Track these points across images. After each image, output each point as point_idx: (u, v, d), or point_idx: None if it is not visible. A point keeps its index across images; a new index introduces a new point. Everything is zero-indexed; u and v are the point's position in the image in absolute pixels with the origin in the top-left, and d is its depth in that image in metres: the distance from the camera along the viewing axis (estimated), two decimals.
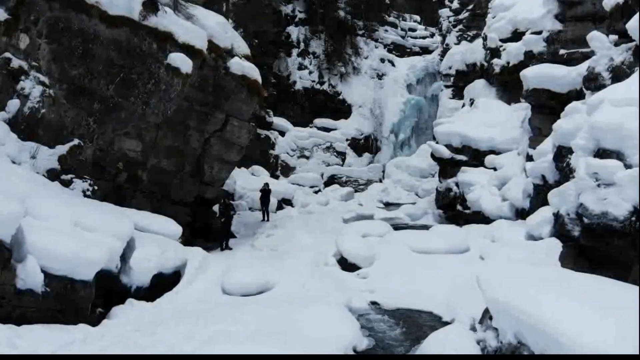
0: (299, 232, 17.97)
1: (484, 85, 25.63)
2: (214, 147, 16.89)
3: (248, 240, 17.61)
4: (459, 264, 14.21)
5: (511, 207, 18.59)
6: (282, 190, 25.81)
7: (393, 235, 16.81)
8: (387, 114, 41.49)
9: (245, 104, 17.04)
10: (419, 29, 50.84)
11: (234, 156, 17.14)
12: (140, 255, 12.38)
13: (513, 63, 22.70)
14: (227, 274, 12.92)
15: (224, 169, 17.04)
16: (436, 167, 32.67)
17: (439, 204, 22.79)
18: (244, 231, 18.72)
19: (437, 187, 23.02)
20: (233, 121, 16.98)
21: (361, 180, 33.03)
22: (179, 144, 16.41)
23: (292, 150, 35.16)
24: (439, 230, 17.76)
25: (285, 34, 41.73)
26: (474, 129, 21.55)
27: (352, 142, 39.14)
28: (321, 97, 40.62)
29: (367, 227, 18.13)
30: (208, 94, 16.67)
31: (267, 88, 38.94)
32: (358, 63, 43.16)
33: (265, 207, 20.38)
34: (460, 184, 21.06)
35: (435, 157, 22.65)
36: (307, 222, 21.06)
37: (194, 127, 16.61)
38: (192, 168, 16.71)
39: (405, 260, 14.46)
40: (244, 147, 17.29)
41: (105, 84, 14.74)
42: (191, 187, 16.61)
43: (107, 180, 15.22)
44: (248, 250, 16.14)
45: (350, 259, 14.54)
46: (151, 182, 15.95)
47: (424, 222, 22.54)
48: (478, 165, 21.22)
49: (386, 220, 22.37)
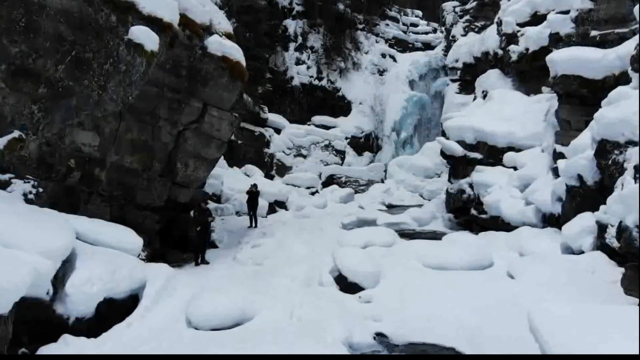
0: (290, 241, 14.91)
1: (498, 75, 22.57)
2: (189, 141, 13.85)
3: (231, 251, 14.54)
4: (484, 283, 11.18)
5: (537, 212, 15.57)
6: (275, 192, 22.73)
7: (401, 247, 13.76)
8: (389, 111, 38.93)
9: (227, 90, 13.98)
10: (421, 24, 47.98)
11: (214, 152, 14.08)
12: (82, 277, 9.37)
13: (533, 49, 19.65)
14: (196, 301, 9.86)
15: (202, 167, 13.99)
16: (442, 166, 29.74)
17: (449, 207, 19.74)
18: (227, 240, 15.67)
19: (447, 189, 19.97)
20: (212, 111, 13.93)
21: (362, 180, 29.96)
22: (146, 137, 13.37)
23: (288, 148, 32.18)
24: (454, 240, 14.72)
25: (282, 27, 38.85)
26: (489, 123, 18.51)
27: (352, 141, 36.39)
28: (319, 94, 38.07)
29: (370, 235, 15.11)
30: (182, 79, 13.63)
31: (262, 84, 36.30)
32: (358, 58, 40.45)
33: (253, 211, 17.32)
34: (474, 185, 18.02)
35: (445, 154, 19.60)
36: (301, 228, 18.00)
37: (164, 117, 13.58)
38: (163, 166, 13.66)
39: (417, 279, 11.41)
40: (225, 141, 14.23)
41: (53, 64, 11.65)
42: (161, 189, 13.57)
43: (56, 181, 12.16)
44: (228, 265, 13.07)
45: (350, 278, 11.47)
46: (111, 183, 12.91)
47: (432, 228, 19.50)
48: (495, 163, 18.19)
49: (390, 225, 19.36)
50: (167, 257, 14.54)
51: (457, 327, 9.43)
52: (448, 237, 15.12)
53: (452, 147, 18.85)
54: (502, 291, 10.65)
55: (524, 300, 9.67)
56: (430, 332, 9.48)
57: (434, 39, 46.12)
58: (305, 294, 10.90)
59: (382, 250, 14.39)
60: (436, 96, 39.48)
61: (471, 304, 10.06)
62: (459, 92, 30.05)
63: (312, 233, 17.06)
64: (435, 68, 41.26)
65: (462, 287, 10.87)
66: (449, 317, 9.77)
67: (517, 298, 9.97)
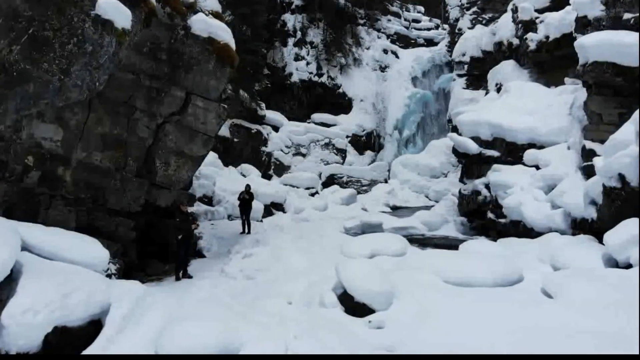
0: (287, 250, 12.84)
1: (514, 66, 20.50)
2: (170, 136, 11.79)
3: (219, 261, 12.48)
4: (518, 304, 9.13)
5: (565, 216, 13.53)
6: (271, 193, 20.66)
7: (414, 258, 11.69)
8: (391, 108, 36.99)
9: (213, 77, 11.93)
10: (423, 20, 45.93)
11: (199, 149, 12.02)
12: (22, 303, 7.37)
13: (554, 36, 17.60)
14: (168, 330, 7.81)
15: (185, 166, 11.94)
16: (449, 165, 27.71)
17: (462, 210, 17.69)
18: (216, 248, 13.62)
19: (460, 190, 17.91)
20: (196, 101, 11.88)
21: (364, 180, 27.87)
22: (119, 131, 11.31)
23: (286, 147, 30.12)
24: (475, 250, 12.66)
25: (280, 22, 36.79)
26: (507, 118, 16.47)
27: (353, 139, 34.36)
28: (319, 91, 36.03)
29: (377, 243, 13.05)
30: (161, 64, 11.58)
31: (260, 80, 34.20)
32: (359, 54, 38.41)
33: (246, 215, 15.27)
34: (491, 186, 15.98)
35: (458, 152, 17.55)
36: (299, 233, 15.95)
37: (141, 108, 11.52)
38: (139, 165, 11.61)
39: (438, 299, 9.36)
40: (212, 136, 12.16)
41: (6, 45, 9.64)
42: (137, 192, 11.51)
43: (10, 183, 10.14)
44: (215, 280, 11.00)
45: (357, 297, 9.38)
46: (77, 184, 10.86)
47: (443, 233, 17.44)
48: (514, 162, 16.15)
49: (398, 230, 17.32)
50: (146, 269, 12.51)
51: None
52: (466, 246, 13.06)
53: (466, 144, 16.80)
54: (542, 314, 8.61)
55: (571, 326, 7.72)
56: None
57: (437, 35, 44.09)
58: (304, 319, 8.86)
59: (392, 261, 12.36)
60: (440, 93, 37.53)
61: (506, 330, 8.06)
62: (466, 88, 27.99)
63: (312, 240, 15.02)
64: (438, 64, 39.31)
65: (492, 309, 8.82)
66: (480, 347, 7.78)
67: (562, 323, 7.97)
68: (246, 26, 28.95)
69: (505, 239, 14.54)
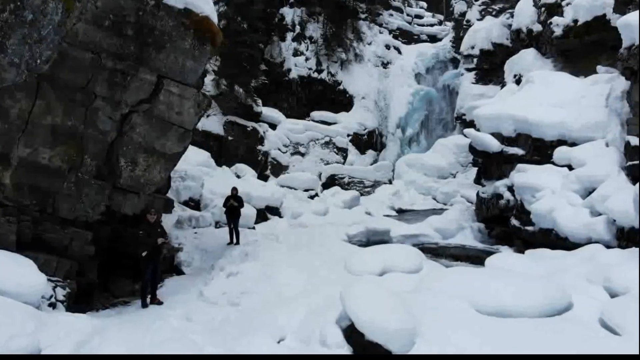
0: (281, 265, 10.51)
1: (535, 55, 18.21)
2: (138, 129, 9.47)
3: (199, 280, 10.17)
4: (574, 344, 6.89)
5: (609, 225, 11.23)
6: (266, 196, 18.31)
7: (434, 277, 9.34)
8: (394, 106, 34.73)
9: (191, 57, 9.61)
10: (426, 16, 43.61)
11: (174, 145, 9.70)
12: None
13: (584, 20, 15.25)
14: None
15: (156, 165, 9.63)
16: (458, 165, 25.42)
17: (481, 215, 15.37)
18: (198, 262, 11.32)
19: (478, 193, 15.59)
20: (170, 86, 9.56)
21: (367, 181, 25.51)
22: (74, 123, 8.99)
23: (284, 145, 27.79)
24: (505, 265, 10.35)
25: (278, 16, 34.47)
26: (533, 111, 14.17)
27: (354, 138, 32.08)
28: (319, 87, 33.80)
29: (388, 256, 10.76)
30: (127, 41, 9.26)
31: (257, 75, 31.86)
32: (360, 49, 36.08)
33: (234, 223, 12.97)
34: (516, 189, 13.67)
35: (475, 150, 15.22)
36: (296, 242, 13.64)
37: (102, 95, 9.20)
38: (99, 164, 9.30)
39: (472, 336, 7.10)
40: (189, 129, 9.84)
41: None
42: (96, 197, 9.21)
43: None
44: (190, 307, 8.69)
45: (369, 335, 7.05)
46: (20, 189, 8.55)
47: (459, 241, 15.12)
48: (541, 161, 13.86)
49: (408, 238, 15.02)
50: (112, 288, 10.21)
51: None
52: (494, 261, 10.72)
53: (485, 141, 14.48)
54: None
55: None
56: None
57: (440, 31, 41.81)
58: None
59: (407, 280, 10.07)
60: (445, 90, 35.21)
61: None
62: (475, 82, 25.74)
63: (311, 251, 12.68)
64: (443, 60, 36.97)
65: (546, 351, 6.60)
66: None
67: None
68: (241, 18, 26.67)
69: (534, 251, 12.22)
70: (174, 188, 15.88)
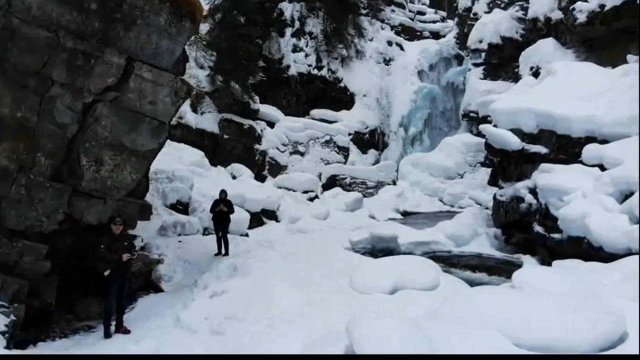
0: (275, 282, 8.84)
1: (554, 45, 16.55)
2: (104, 121, 7.81)
3: (179, 299, 8.50)
4: None
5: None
6: (262, 198, 16.63)
7: (458, 300, 7.69)
8: (396, 104, 33.20)
9: (166, 36, 7.96)
10: (428, 13, 41.94)
11: (147, 140, 8.03)
12: None
13: (613, 4, 13.58)
14: None
15: (126, 165, 7.96)
16: (466, 165, 23.76)
17: (498, 220, 13.69)
18: (180, 276, 9.67)
19: (495, 195, 13.91)
20: (142, 70, 7.90)
21: (369, 182, 23.83)
22: (26, 114, 7.34)
23: (283, 144, 26.13)
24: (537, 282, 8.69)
25: (277, 11, 32.78)
26: (558, 105, 12.51)
27: (355, 137, 30.49)
28: (319, 85, 32.15)
29: (399, 271, 9.13)
30: (91, 16, 7.60)
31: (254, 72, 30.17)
32: (362, 46, 34.44)
33: (223, 231, 11.37)
34: (540, 191, 11.99)
35: (492, 148, 13.55)
36: (294, 251, 11.97)
37: (61, 81, 7.55)
38: (56, 164, 7.65)
39: None
40: (165, 122, 8.18)
41: None
42: (53, 203, 7.55)
43: None
44: (163, 337, 7.04)
45: None
46: None
47: (474, 249, 13.43)
48: (567, 160, 12.18)
49: (418, 246, 13.37)
50: (76, 311, 8.55)
51: None
52: (522, 277, 9.03)
53: (504, 138, 12.80)
54: None
55: None
56: None
57: (443, 28, 40.17)
58: None
59: (422, 298, 8.44)
60: (449, 88, 33.69)
61: None
62: (483, 78, 24.08)
63: (310, 261, 11.03)
64: (447, 57, 35.42)
65: None
66: None
67: None
68: (237, 10, 25.00)
69: (563, 262, 10.54)
70: (160, 190, 14.24)
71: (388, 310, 7.79)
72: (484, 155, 23.18)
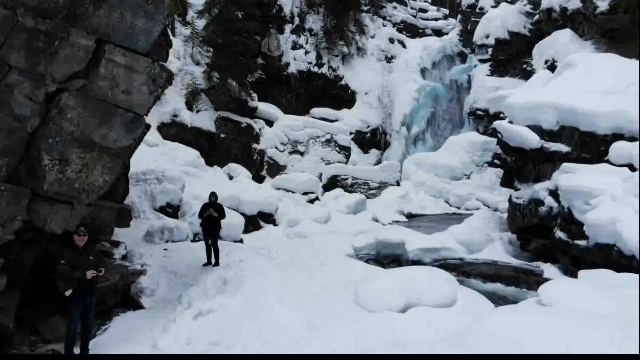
0: (270, 299, 7.65)
1: (571, 37, 15.37)
2: (70, 114, 6.61)
3: (159, 320, 7.30)
4: None
5: None
6: (259, 200, 15.43)
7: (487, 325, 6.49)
8: (398, 103, 32.05)
9: (143, 13, 6.74)
10: (430, 10, 40.73)
11: (121, 135, 6.82)
12: None
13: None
14: None
15: (97, 164, 6.76)
16: (471, 165, 22.56)
17: (515, 225, 12.51)
18: (164, 290, 8.46)
19: (511, 197, 12.72)
20: (114, 54, 6.71)
21: (372, 182, 22.63)
22: None
23: (282, 144, 24.96)
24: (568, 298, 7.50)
25: (276, 7, 31.59)
26: (581, 99, 11.34)
27: (357, 136, 29.36)
28: (319, 82, 31.03)
29: (411, 286, 7.95)
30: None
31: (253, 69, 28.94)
32: (363, 43, 33.29)
33: (212, 239, 9.82)
34: (562, 193, 10.82)
35: (508, 146, 12.36)
36: (292, 259, 10.80)
37: (20, 66, 6.36)
38: (13, 162, 6.46)
39: None
40: (142, 114, 6.98)
41: None
42: (8, 209, 6.34)
43: None
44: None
45: None
46: None
47: (488, 256, 12.24)
48: (592, 159, 11.02)
49: (427, 252, 12.21)
50: (41, 331, 7.36)
51: None
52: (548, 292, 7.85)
53: (523, 135, 11.62)
54: None
55: None
56: None
57: (445, 26, 39.01)
58: None
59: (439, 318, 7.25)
60: (452, 86, 32.47)
61: None
62: (490, 74, 22.90)
63: (309, 271, 9.84)
64: (450, 54, 34.21)
65: None
66: None
67: None
68: (234, 5, 23.80)
69: (590, 273, 9.37)
70: (148, 192, 13.06)
71: (400, 334, 6.61)
72: (492, 154, 22.03)
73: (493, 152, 21.61)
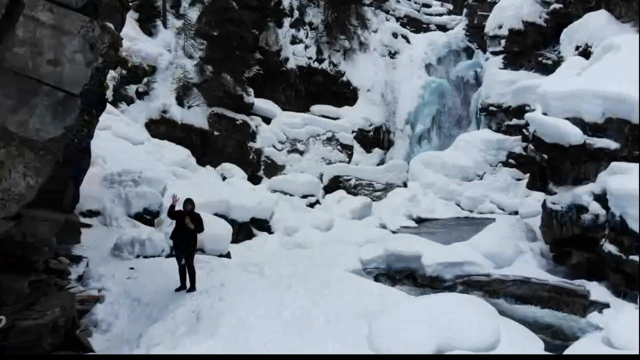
0: (254, 344, 5.68)
1: (607, 19, 13.41)
2: None
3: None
4: None
5: None
6: (251, 205, 13.42)
7: None
8: (402, 100, 30.30)
9: None
10: (434, 5, 38.90)
11: (46, 122, 4.80)
12: None
13: None
14: None
15: (17, 163, 4.80)
16: (485, 164, 20.60)
17: (550, 234, 10.50)
18: (123, 324, 6.49)
19: (545, 203, 10.72)
20: (37, 10, 4.73)
21: (377, 184, 20.65)
22: None
23: (280, 142, 23.05)
24: None
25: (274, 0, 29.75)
26: (629, 86, 9.38)
27: (359, 135, 27.56)
28: (319, 78, 29.29)
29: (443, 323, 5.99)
30: None
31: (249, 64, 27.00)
32: (365, 37, 31.48)
33: (186, 257, 7.59)
34: (612, 198, 8.86)
35: (542, 142, 10.38)
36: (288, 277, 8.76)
37: None
38: None
39: None
40: (77, 93, 5.04)
41: None
42: None
43: None
44: None
45: None
46: None
47: (519, 272, 10.23)
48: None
49: (448, 267, 10.22)
50: None
51: None
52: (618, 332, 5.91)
53: (561, 129, 9.64)
54: None
55: None
56: None
57: (450, 21, 37.15)
58: None
59: None
60: (458, 82, 30.67)
61: None
62: (503, 67, 20.97)
63: (310, 294, 7.84)
64: (456, 50, 32.46)
65: None
66: None
67: None
68: None
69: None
70: (122, 196, 11.10)
71: None
72: (506, 153, 20.10)
73: (508, 150, 19.68)
